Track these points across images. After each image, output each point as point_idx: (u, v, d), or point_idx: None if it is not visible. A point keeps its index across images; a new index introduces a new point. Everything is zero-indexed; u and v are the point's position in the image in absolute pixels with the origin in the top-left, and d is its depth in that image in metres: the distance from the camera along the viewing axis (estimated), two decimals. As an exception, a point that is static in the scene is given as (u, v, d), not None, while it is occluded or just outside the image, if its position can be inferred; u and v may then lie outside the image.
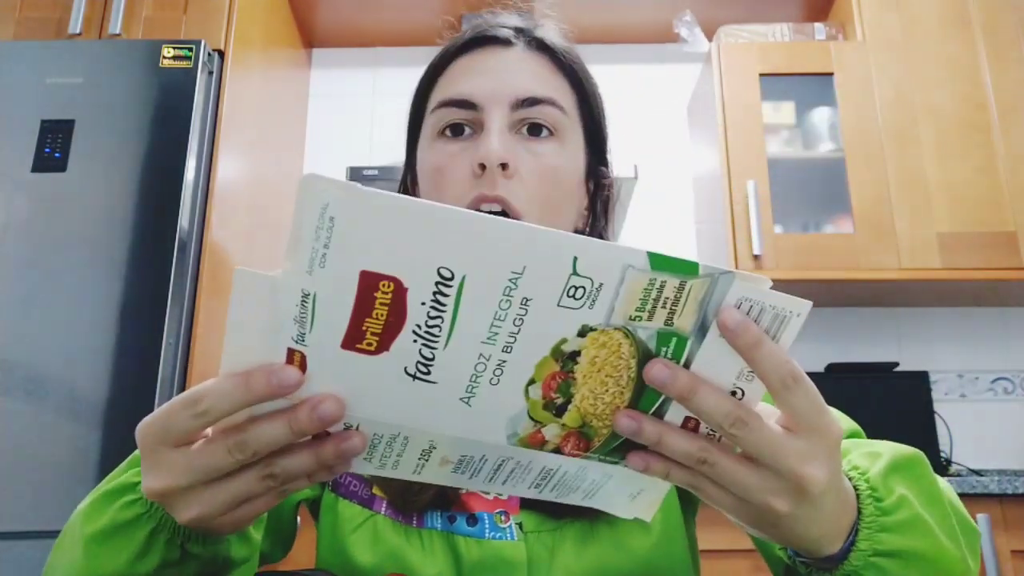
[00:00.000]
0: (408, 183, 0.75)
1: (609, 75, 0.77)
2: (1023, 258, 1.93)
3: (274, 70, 2.20)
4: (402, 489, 0.62)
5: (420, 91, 0.72)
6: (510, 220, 0.35)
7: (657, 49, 2.51)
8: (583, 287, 0.36)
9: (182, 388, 1.59)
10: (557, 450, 0.42)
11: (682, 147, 2.43)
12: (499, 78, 0.66)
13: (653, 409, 0.40)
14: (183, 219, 1.62)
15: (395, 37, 2.50)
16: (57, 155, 1.64)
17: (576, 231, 0.71)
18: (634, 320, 0.38)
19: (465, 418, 0.40)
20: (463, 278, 0.35)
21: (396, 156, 0.77)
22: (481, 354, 0.37)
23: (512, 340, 0.37)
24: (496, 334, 0.37)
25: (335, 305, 0.36)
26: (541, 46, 0.69)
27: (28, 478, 1.44)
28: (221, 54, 1.83)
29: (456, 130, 0.66)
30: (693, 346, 0.39)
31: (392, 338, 0.36)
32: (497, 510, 0.62)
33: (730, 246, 1.95)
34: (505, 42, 0.68)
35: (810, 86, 2.13)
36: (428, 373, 0.38)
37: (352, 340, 0.36)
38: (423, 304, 0.36)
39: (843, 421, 0.65)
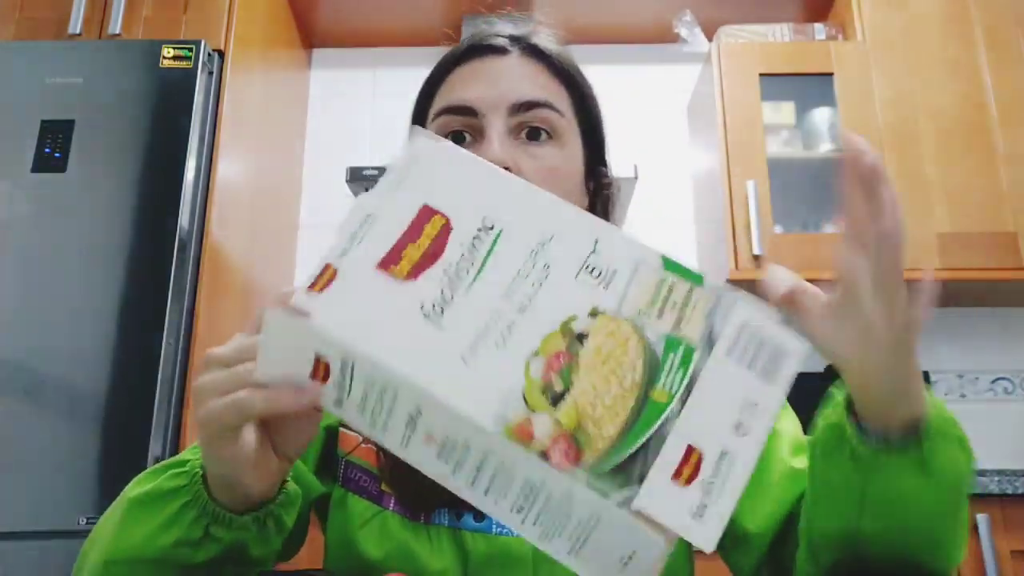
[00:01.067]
0: None
1: (609, 75, 0.78)
2: (1023, 258, 1.93)
3: (274, 70, 2.20)
4: (413, 490, 0.63)
5: (420, 101, 0.73)
6: (550, 194, 0.42)
7: (657, 49, 2.50)
8: (599, 269, 0.40)
9: (182, 388, 1.59)
10: (544, 455, 0.37)
11: (682, 147, 2.43)
12: (496, 85, 0.68)
13: (653, 429, 0.38)
14: (183, 219, 1.62)
15: (395, 37, 2.50)
16: (57, 155, 1.64)
17: None
18: (643, 315, 0.39)
19: (459, 379, 0.38)
20: (500, 231, 0.41)
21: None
22: (496, 309, 0.40)
23: (527, 301, 0.40)
24: (514, 291, 0.40)
25: (389, 226, 0.41)
26: (536, 52, 0.71)
27: (28, 478, 1.44)
28: (221, 54, 1.83)
29: (457, 138, 0.67)
30: (700, 358, 0.39)
31: (423, 268, 0.40)
32: None
33: (730, 246, 1.95)
34: (501, 50, 0.70)
35: (810, 86, 2.13)
36: (441, 315, 0.40)
37: (388, 262, 0.40)
38: (460, 245, 0.41)
39: (790, 423, 0.67)
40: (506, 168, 0.63)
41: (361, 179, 1.94)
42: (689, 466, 0.37)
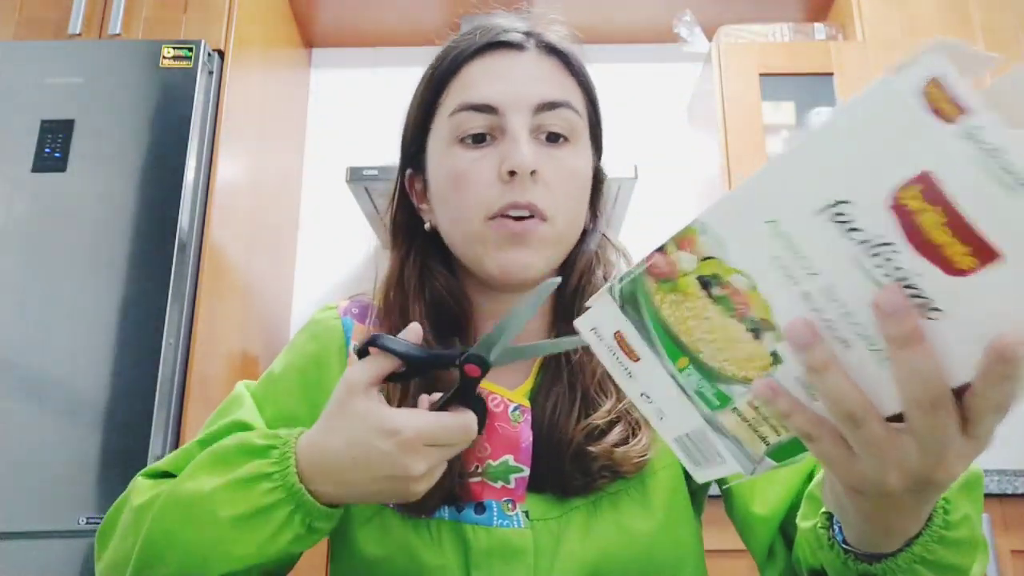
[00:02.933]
0: (405, 182, 0.74)
1: (609, 75, 0.78)
2: (1023, 258, 1.93)
3: (274, 70, 2.20)
4: None
5: (430, 94, 0.71)
6: None
7: (657, 49, 2.50)
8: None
9: (182, 388, 1.59)
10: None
11: (682, 147, 2.43)
12: (518, 83, 0.67)
13: None
14: (183, 219, 1.62)
15: (395, 37, 2.50)
16: (57, 155, 1.64)
17: (583, 229, 0.73)
18: None
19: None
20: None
21: (396, 156, 0.78)
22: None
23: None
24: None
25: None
26: (552, 49, 0.70)
27: (28, 478, 1.44)
28: (221, 54, 1.83)
29: (478, 138, 0.67)
30: None
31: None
32: (504, 498, 0.63)
33: (730, 246, 1.95)
34: (517, 46, 0.69)
35: (810, 86, 2.13)
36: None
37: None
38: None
39: None
40: (533, 172, 0.64)
41: (361, 179, 1.94)
42: None
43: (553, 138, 0.67)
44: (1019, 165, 0.27)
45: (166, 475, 0.64)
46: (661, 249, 0.38)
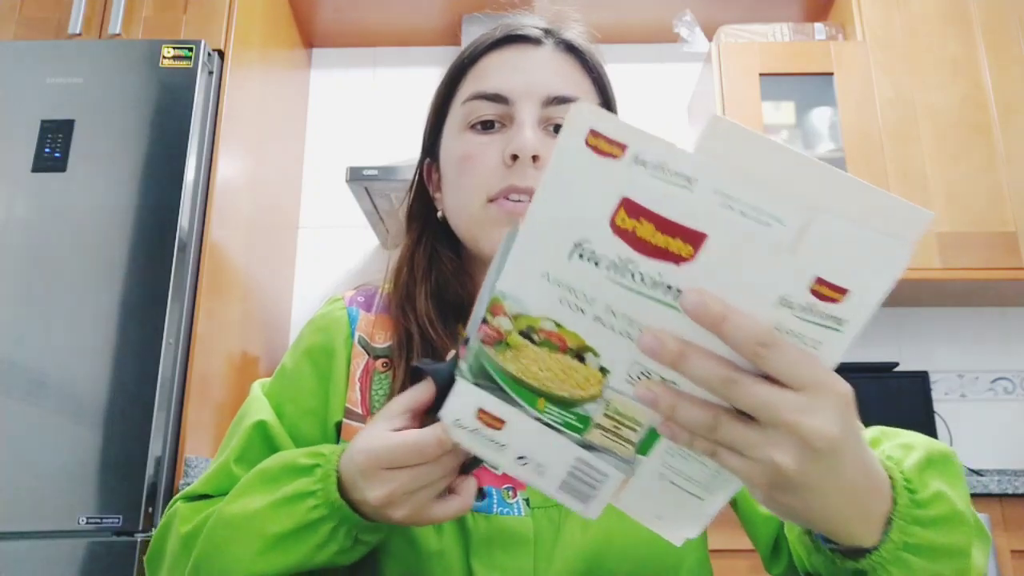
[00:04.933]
0: (424, 171, 0.77)
1: (610, 75, 0.78)
2: (1023, 258, 1.93)
3: (274, 70, 2.20)
4: None
5: (448, 83, 0.74)
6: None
7: (657, 49, 2.51)
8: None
9: (182, 388, 1.59)
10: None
11: (682, 147, 2.43)
12: (531, 75, 0.69)
13: None
14: (183, 219, 1.62)
15: (395, 37, 2.50)
16: (57, 155, 1.64)
17: None
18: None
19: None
20: None
21: (396, 156, 0.78)
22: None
23: None
24: None
25: None
26: (569, 47, 0.72)
27: (28, 478, 1.44)
28: (221, 54, 1.83)
29: (487, 126, 0.69)
30: None
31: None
32: (504, 485, 0.63)
33: (730, 246, 1.95)
34: (535, 41, 0.71)
35: (810, 86, 2.13)
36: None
37: None
38: None
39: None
40: (535, 157, 0.65)
41: (361, 179, 1.94)
42: None
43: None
44: (683, 168, 0.35)
45: (203, 496, 0.66)
46: (484, 321, 0.43)
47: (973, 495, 1.56)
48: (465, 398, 0.47)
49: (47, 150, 1.64)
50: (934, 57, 2.09)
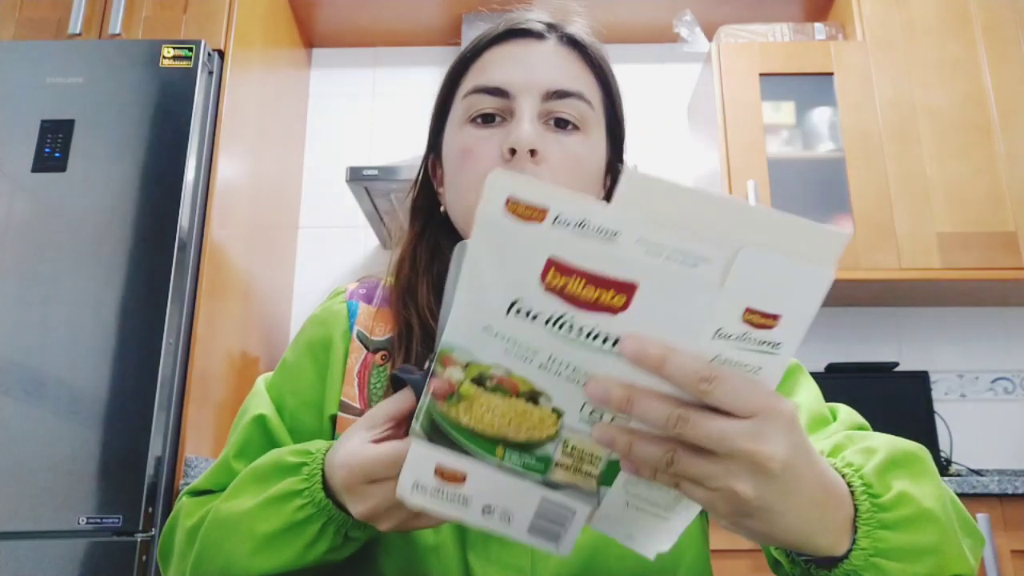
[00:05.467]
0: (429, 166, 0.77)
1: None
2: (1023, 258, 1.93)
3: (274, 70, 2.20)
4: None
5: (450, 78, 0.74)
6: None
7: (657, 49, 2.51)
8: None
9: (182, 388, 1.59)
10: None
11: (682, 147, 2.43)
12: (532, 69, 0.68)
13: None
14: (183, 219, 1.62)
15: (395, 37, 2.50)
16: (57, 155, 1.64)
17: None
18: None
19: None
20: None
21: (396, 156, 0.79)
22: None
23: None
24: None
25: None
26: (572, 42, 0.71)
27: (28, 478, 1.44)
28: (221, 54, 1.83)
29: (487, 119, 0.68)
30: None
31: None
32: None
33: (730, 246, 1.95)
34: (538, 35, 0.71)
35: (810, 86, 2.13)
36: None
37: None
38: None
39: (844, 412, 0.66)
40: (533, 151, 0.65)
41: (361, 179, 1.94)
42: None
43: (561, 124, 0.68)
44: (604, 224, 0.36)
45: (207, 492, 0.67)
46: (434, 375, 0.44)
47: (973, 495, 1.56)
48: (421, 459, 0.46)
49: (47, 150, 1.64)
50: (934, 57, 2.09)
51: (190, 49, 1.72)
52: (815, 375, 1.99)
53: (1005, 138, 2.01)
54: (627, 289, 0.37)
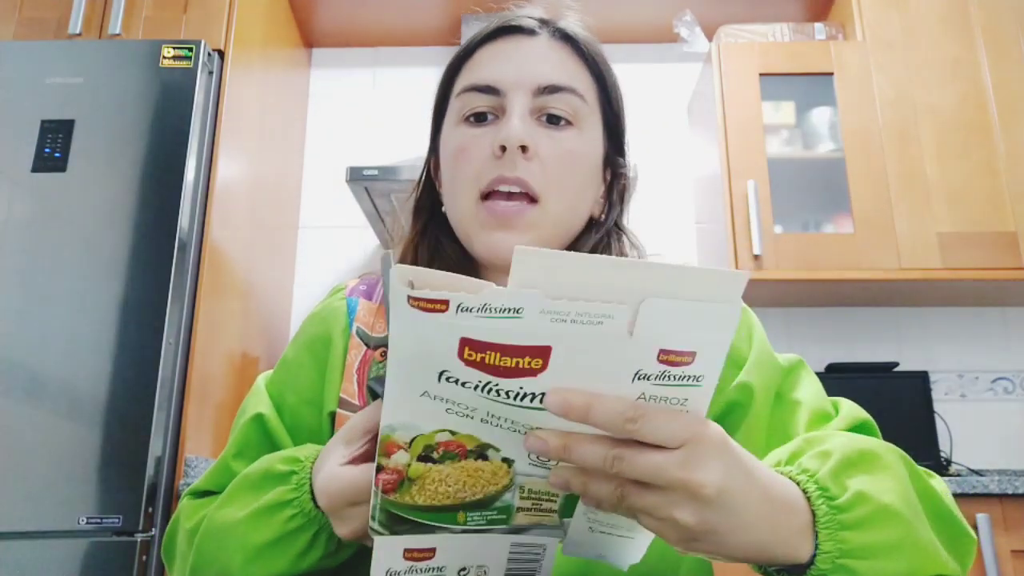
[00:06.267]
0: (431, 167, 0.77)
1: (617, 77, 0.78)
2: (1023, 258, 1.93)
3: (274, 70, 2.20)
4: None
5: (446, 78, 0.74)
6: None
7: (657, 49, 2.51)
8: None
9: (182, 388, 1.59)
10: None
11: (682, 147, 2.43)
12: (523, 65, 0.68)
13: None
14: (183, 219, 1.62)
15: (395, 37, 2.50)
16: (57, 155, 1.64)
17: (592, 218, 0.73)
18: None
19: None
20: None
21: (396, 156, 0.79)
22: None
23: None
24: None
25: None
26: (564, 36, 0.71)
27: (28, 478, 1.44)
28: (221, 54, 1.83)
29: (479, 118, 0.68)
30: None
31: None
32: None
33: (730, 246, 1.95)
34: (530, 32, 0.70)
35: (810, 86, 2.13)
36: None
37: None
38: None
39: (847, 407, 0.66)
40: (523, 147, 0.64)
41: (361, 179, 1.94)
42: None
43: (554, 120, 0.68)
44: (505, 305, 0.37)
45: (208, 492, 0.67)
46: (380, 469, 0.44)
47: (973, 495, 1.56)
48: (386, 551, 0.47)
49: (47, 150, 1.64)
50: (934, 57, 2.09)
51: (190, 49, 1.72)
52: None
53: (1005, 138, 2.01)
54: (542, 352, 0.38)
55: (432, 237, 0.74)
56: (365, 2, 2.37)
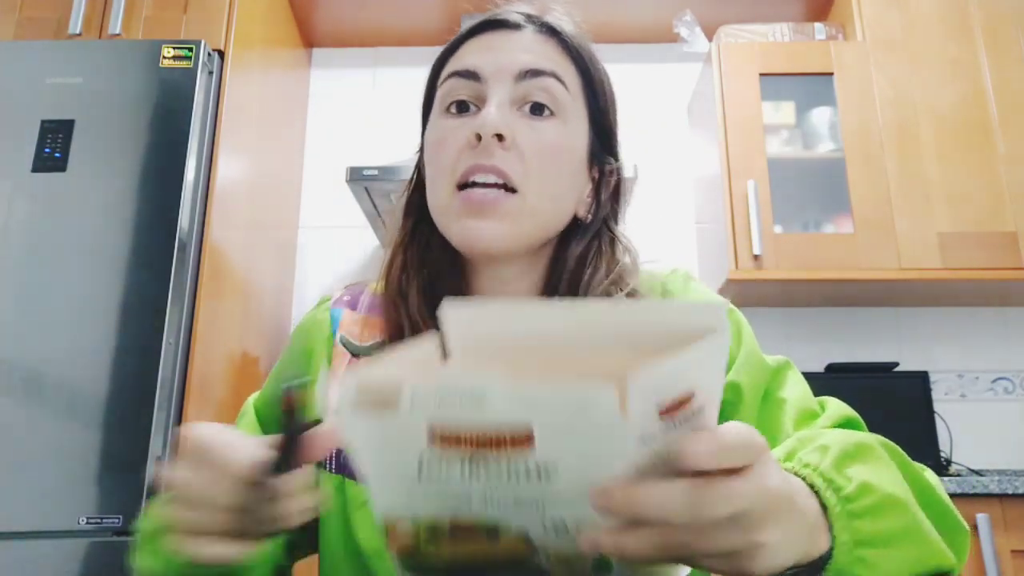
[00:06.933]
0: (421, 165, 0.76)
1: (609, 75, 0.77)
2: (1023, 258, 1.93)
3: (274, 70, 2.20)
4: None
5: (432, 72, 0.74)
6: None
7: (657, 49, 2.51)
8: None
9: (182, 388, 1.59)
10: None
11: (682, 147, 2.43)
12: (504, 53, 0.68)
13: None
14: (183, 219, 1.62)
15: (395, 37, 2.50)
16: (57, 155, 1.64)
17: (577, 217, 0.71)
18: None
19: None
20: None
21: (396, 156, 0.79)
22: None
23: None
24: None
25: None
26: (550, 31, 0.71)
27: (28, 478, 1.44)
28: (221, 54, 1.83)
29: (461, 107, 0.68)
30: None
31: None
32: None
33: (730, 246, 1.95)
34: (515, 26, 0.70)
35: (810, 86, 2.13)
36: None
37: None
38: None
39: (833, 405, 0.66)
40: (500, 135, 0.63)
41: (361, 179, 1.93)
42: None
43: (537, 110, 0.66)
44: (455, 389, 0.35)
45: None
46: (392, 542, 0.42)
47: (973, 495, 1.56)
48: None
49: (47, 150, 1.64)
50: (934, 57, 2.09)
51: (190, 49, 1.72)
52: (815, 375, 1.99)
53: (1005, 138, 2.01)
54: (524, 431, 0.35)
55: (422, 237, 0.72)
56: (365, 2, 2.37)
